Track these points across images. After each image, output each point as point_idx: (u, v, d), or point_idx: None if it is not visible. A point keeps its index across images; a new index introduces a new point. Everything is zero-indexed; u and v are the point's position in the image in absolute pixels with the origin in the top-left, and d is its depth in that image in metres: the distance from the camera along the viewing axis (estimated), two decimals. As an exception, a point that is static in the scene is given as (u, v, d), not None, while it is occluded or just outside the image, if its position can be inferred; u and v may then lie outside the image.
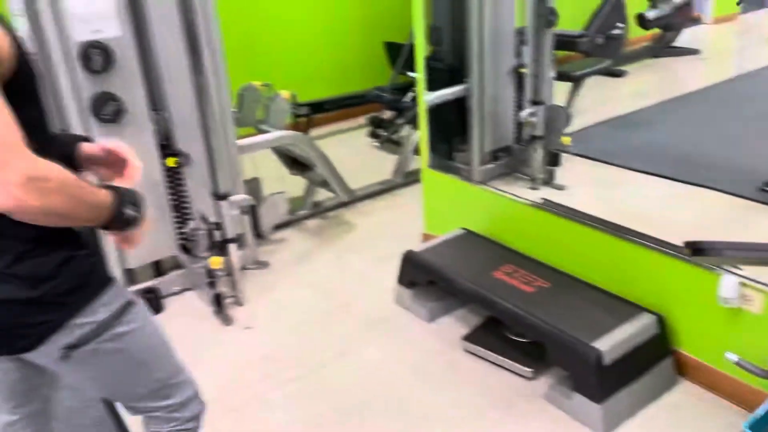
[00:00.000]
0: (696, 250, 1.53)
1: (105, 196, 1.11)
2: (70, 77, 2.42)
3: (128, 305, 1.26)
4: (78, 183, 1.06)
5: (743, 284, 1.89)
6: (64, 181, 1.02)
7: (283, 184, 3.47)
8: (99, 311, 1.20)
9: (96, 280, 1.22)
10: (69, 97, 2.45)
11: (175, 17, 2.57)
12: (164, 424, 1.39)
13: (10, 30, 1.07)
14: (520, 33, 3.37)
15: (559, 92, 3.70)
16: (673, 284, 2.11)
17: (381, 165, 4.16)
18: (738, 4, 7.36)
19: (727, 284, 1.92)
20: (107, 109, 2.47)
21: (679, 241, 2.09)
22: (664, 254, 2.10)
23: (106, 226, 1.14)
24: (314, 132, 4.49)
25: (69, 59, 2.40)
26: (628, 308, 2.14)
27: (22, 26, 2.84)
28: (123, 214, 1.13)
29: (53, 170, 1.01)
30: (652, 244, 2.15)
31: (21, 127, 0.99)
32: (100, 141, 1.37)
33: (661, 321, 2.09)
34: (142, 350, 1.30)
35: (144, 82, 2.60)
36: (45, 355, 1.18)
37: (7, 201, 0.95)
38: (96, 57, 2.40)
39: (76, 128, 2.51)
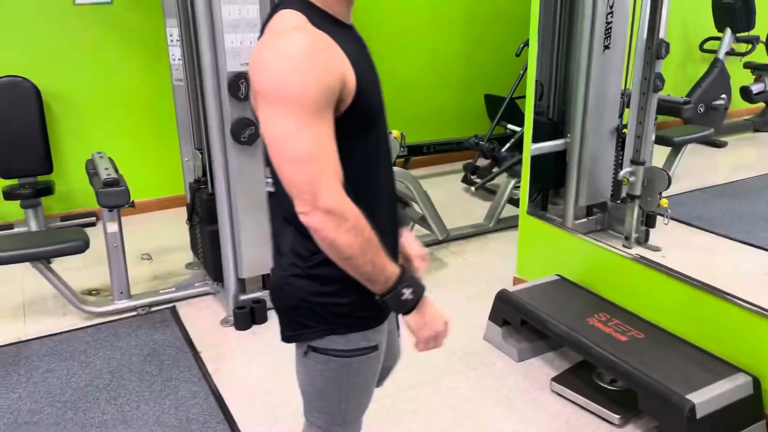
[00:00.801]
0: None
1: (392, 268, 1.16)
2: (218, 102, 2.74)
3: (372, 350, 1.34)
4: (373, 239, 1.12)
5: None
6: (360, 228, 1.10)
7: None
8: (352, 340, 1.30)
9: (367, 317, 1.31)
10: (214, 118, 2.76)
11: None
12: None
13: (356, 66, 1.14)
14: (626, 95, 3.49)
15: (658, 156, 3.77)
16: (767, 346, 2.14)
17: (473, 210, 4.32)
18: None
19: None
20: (245, 133, 2.76)
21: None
22: (762, 317, 2.14)
23: (382, 298, 1.19)
24: (412, 172, 4.71)
25: (219, 87, 2.72)
26: (723, 366, 2.17)
27: (178, 54, 3.24)
28: (401, 294, 1.17)
29: (354, 214, 1.10)
30: (750, 305, 2.19)
31: (347, 160, 1.12)
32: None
33: (757, 383, 2.11)
34: (346, 389, 1.37)
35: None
36: (299, 347, 1.36)
37: (309, 221, 1.09)
38: (242, 86, 2.71)
39: (216, 147, 2.81)
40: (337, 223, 1.09)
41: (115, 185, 2.90)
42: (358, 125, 1.18)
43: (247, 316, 2.99)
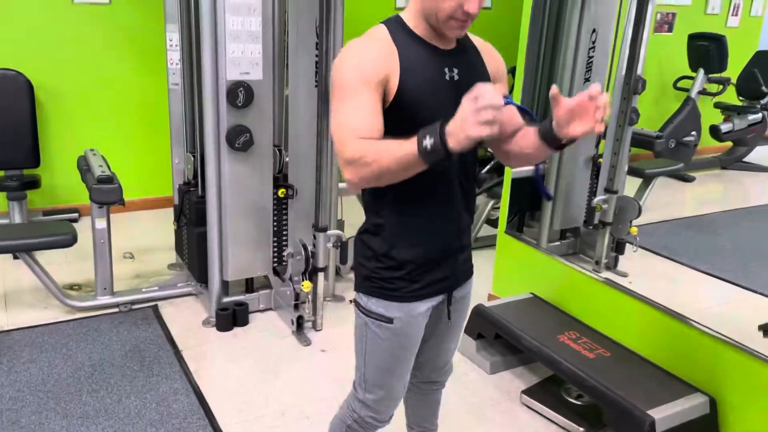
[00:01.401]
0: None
1: (408, 144, 1.25)
2: (215, 108, 2.83)
3: (387, 321, 1.57)
4: (380, 151, 1.28)
5: (795, 379, 2.06)
6: (370, 155, 1.28)
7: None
8: (372, 302, 1.57)
9: (387, 288, 1.55)
10: (210, 124, 2.85)
11: (313, 70, 2.98)
12: (349, 401, 1.75)
13: (407, 75, 1.38)
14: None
15: (630, 186, 3.94)
16: (728, 370, 2.28)
17: (452, 227, 4.43)
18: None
19: (780, 377, 2.09)
20: (240, 140, 2.85)
21: (735, 335, 2.29)
22: (722, 342, 2.29)
23: (426, 162, 1.25)
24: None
25: (218, 93, 2.81)
26: (683, 386, 2.32)
27: (176, 58, 3.32)
28: (425, 148, 1.22)
29: (363, 148, 1.29)
30: (709, 330, 2.34)
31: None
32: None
33: (713, 403, 2.26)
34: (366, 349, 1.63)
35: (272, 121, 2.99)
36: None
37: (345, 177, 1.34)
38: (240, 94, 2.80)
39: (210, 152, 2.90)
40: (357, 167, 1.30)
41: (108, 182, 2.96)
42: (398, 124, 1.36)
43: (229, 318, 3.06)
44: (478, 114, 1.15)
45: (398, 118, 1.39)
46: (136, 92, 4.38)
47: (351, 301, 1.62)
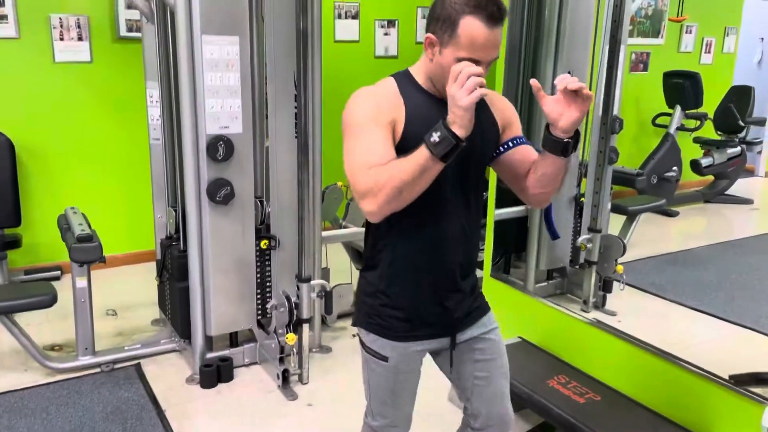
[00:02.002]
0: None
1: (419, 150, 1.33)
2: (196, 162, 2.83)
3: (382, 359, 1.64)
4: (393, 173, 1.34)
5: (786, 417, 2.03)
6: (383, 181, 1.34)
7: (346, 277, 3.75)
8: (370, 339, 1.65)
9: (382, 325, 1.61)
10: (191, 178, 2.85)
11: (292, 122, 3.00)
12: (364, 424, 1.83)
13: (411, 121, 1.46)
14: (583, 165, 3.70)
15: (615, 224, 3.97)
16: (718, 411, 2.25)
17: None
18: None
19: (771, 416, 2.06)
20: (221, 193, 2.84)
21: (724, 374, 2.27)
22: (711, 382, 2.26)
23: (441, 161, 1.34)
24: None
25: (198, 148, 2.82)
26: (674, 429, 2.27)
27: (156, 114, 3.34)
28: (433, 145, 1.32)
29: (373, 175, 1.36)
30: (699, 371, 2.32)
31: None
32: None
33: (706, 445, 2.22)
34: (368, 381, 1.73)
35: (253, 173, 2.99)
36: None
37: (362, 208, 1.40)
38: (220, 148, 2.81)
39: (191, 205, 2.89)
40: (374, 195, 1.36)
41: (88, 241, 2.93)
42: None
43: (213, 374, 3.00)
44: (463, 87, 1.28)
45: None
46: (117, 148, 4.39)
47: (354, 335, 1.68)
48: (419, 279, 1.57)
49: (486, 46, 1.40)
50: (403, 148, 1.43)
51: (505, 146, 1.63)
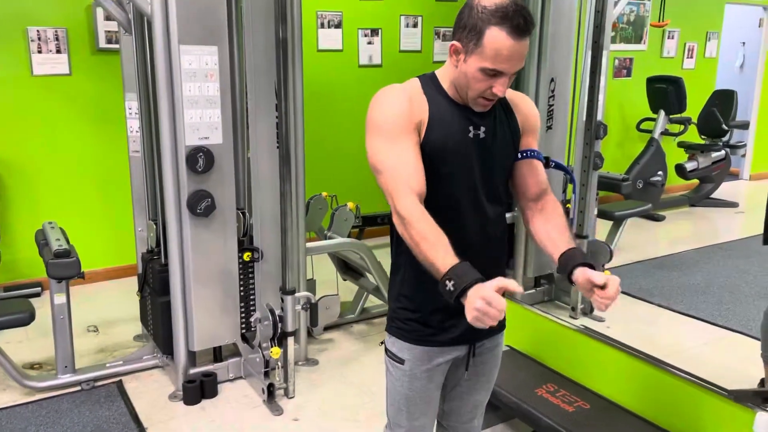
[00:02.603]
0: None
1: (441, 265, 1.33)
2: (175, 175, 2.78)
3: (398, 361, 1.62)
4: (424, 237, 1.36)
5: (777, 423, 2.01)
6: (415, 227, 1.37)
7: (333, 288, 3.70)
8: (390, 341, 1.65)
9: (403, 329, 1.61)
10: (171, 190, 2.80)
11: (273, 132, 2.96)
12: None
13: (433, 125, 1.47)
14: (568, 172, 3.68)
15: (602, 229, 3.96)
16: (708, 418, 2.22)
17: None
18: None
19: (761, 421, 2.03)
20: (201, 205, 2.79)
21: (714, 379, 2.24)
22: (701, 388, 2.23)
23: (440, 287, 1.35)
24: (366, 242, 4.78)
25: (177, 160, 2.77)
26: (665, 437, 2.24)
27: (136, 126, 3.29)
28: (444, 284, 1.31)
29: (413, 216, 1.38)
30: (689, 377, 2.29)
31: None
32: (602, 276, 1.45)
33: (697, 452, 2.19)
34: (389, 388, 1.70)
35: (234, 184, 2.95)
36: None
37: (393, 218, 1.42)
38: (200, 159, 2.76)
39: (171, 218, 2.83)
40: (404, 225, 1.39)
41: (65, 256, 2.86)
42: (427, 167, 1.46)
43: (196, 390, 2.93)
44: (475, 317, 1.25)
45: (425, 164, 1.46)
46: (97, 161, 4.32)
47: (381, 343, 1.72)
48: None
49: (511, 58, 1.39)
50: (423, 152, 1.46)
51: (517, 155, 1.61)
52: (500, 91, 1.42)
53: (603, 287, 1.42)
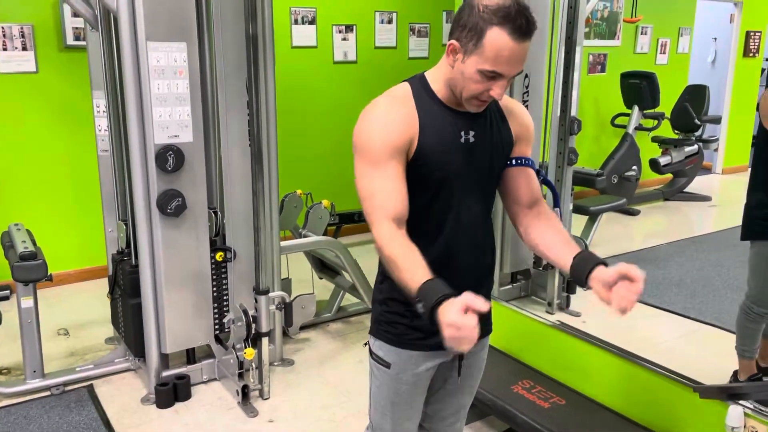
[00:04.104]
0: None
1: (412, 287, 1.31)
2: (145, 174, 2.72)
3: (384, 365, 1.60)
4: (395, 262, 1.36)
5: (748, 415, 2.03)
6: (385, 252, 1.38)
7: (309, 287, 3.67)
8: (376, 345, 1.61)
9: (388, 332, 1.58)
10: (140, 190, 2.74)
11: (245, 130, 2.92)
12: None
13: (426, 135, 1.44)
14: (543, 167, 3.69)
15: (577, 224, 3.97)
16: (682, 411, 2.23)
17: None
18: None
19: (733, 415, 2.05)
20: (172, 205, 2.74)
21: (688, 372, 2.26)
22: (675, 382, 2.25)
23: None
24: (341, 240, 4.75)
25: (146, 158, 2.71)
26: (638, 431, 2.25)
27: (104, 125, 3.22)
28: (418, 307, 1.30)
29: (383, 241, 1.38)
30: (662, 371, 2.30)
31: (411, 199, 1.42)
32: (617, 267, 1.41)
33: (671, 446, 2.20)
34: (371, 389, 1.68)
35: (206, 183, 2.90)
36: None
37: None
38: (170, 158, 2.71)
39: (141, 219, 2.78)
40: (379, 251, 1.40)
41: (31, 259, 2.79)
42: (416, 179, 1.46)
43: (169, 393, 2.88)
44: (450, 335, 1.20)
45: (414, 176, 1.45)
46: (65, 161, 4.23)
47: (365, 344, 1.69)
48: None
49: (511, 61, 1.35)
50: (416, 161, 1.44)
51: (509, 162, 1.58)
52: (498, 94, 1.38)
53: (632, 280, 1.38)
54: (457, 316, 1.19)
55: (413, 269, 1.33)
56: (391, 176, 1.41)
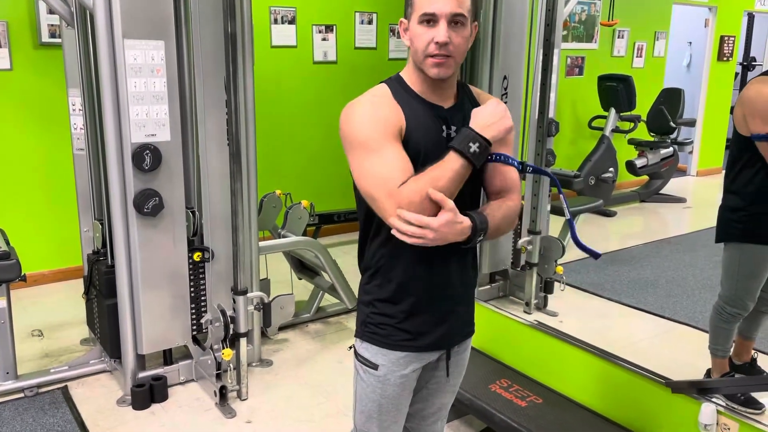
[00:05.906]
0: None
1: (453, 158, 1.39)
2: (121, 173, 2.69)
3: (372, 367, 1.58)
4: (432, 173, 1.37)
5: (720, 413, 2.06)
6: (420, 198, 1.35)
7: (288, 287, 3.66)
8: (362, 347, 1.60)
9: (377, 334, 1.57)
10: (117, 189, 2.71)
11: (223, 129, 2.90)
12: None
13: (410, 125, 1.45)
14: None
15: (554, 226, 4.01)
16: (657, 409, 2.27)
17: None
18: (719, 160, 7.85)
19: (706, 412, 2.08)
20: (149, 204, 2.71)
21: (662, 371, 2.29)
22: (649, 380, 2.28)
23: (472, 162, 1.41)
24: (322, 241, 4.74)
25: (123, 157, 2.68)
26: (614, 429, 2.28)
27: (80, 123, 3.18)
28: (472, 155, 1.40)
29: (418, 187, 1.35)
30: (637, 370, 2.33)
31: None
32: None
33: (646, 444, 2.23)
34: (356, 392, 1.66)
35: (184, 182, 2.87)
36: None
37: (391, 225, 1.37)
38: (147, 157, 2.68)
39: (117, 218, 2.75)
40: (420, 199, 1.35)
41: (4, 258, 2.75)
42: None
43: (146, 395, 2.85)
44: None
45: None
46: (40, 159, 4.17)
47: (350, 347, 1.67)
48: (418, 290, 1.53)
49: None
50: (406, 152, 1.43)
51: (489, 158, 1.55)
52: (441, 36, 1.39)
53: None
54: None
55: (440, 166, 1.38)
56: (396, 155, 1.40)
